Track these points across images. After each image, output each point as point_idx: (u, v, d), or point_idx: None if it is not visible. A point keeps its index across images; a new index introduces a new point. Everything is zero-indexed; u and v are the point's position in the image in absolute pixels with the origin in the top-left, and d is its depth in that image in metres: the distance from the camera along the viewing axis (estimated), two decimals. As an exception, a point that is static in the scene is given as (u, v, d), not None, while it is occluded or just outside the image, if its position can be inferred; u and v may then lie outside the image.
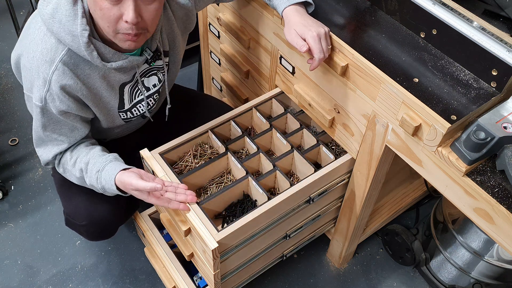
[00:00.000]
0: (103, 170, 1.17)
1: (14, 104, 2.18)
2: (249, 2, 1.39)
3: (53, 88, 1.08)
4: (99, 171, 1.17)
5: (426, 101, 1.00)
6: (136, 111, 1.30)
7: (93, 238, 1.42)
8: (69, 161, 1.22)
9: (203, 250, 1.17)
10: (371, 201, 1.41)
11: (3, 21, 2.59)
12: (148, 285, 1.64)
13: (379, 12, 1.23)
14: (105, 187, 1.18)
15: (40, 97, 1.10)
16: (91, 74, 1.12)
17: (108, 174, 1.16)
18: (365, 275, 1.69)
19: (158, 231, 1.43)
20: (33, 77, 1.09)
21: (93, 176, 1.18)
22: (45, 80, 1.08)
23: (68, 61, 1.08)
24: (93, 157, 1.19)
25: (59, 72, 1.07)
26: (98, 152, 1.21)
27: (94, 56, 1.07)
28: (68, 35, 1.04)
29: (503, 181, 0.96)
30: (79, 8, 1.04)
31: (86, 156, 1.20)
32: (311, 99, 1.34)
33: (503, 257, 1.37)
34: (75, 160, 1.21)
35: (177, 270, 1.36)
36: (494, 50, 1.00)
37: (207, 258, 1.17)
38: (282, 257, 1.49)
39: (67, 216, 1.37)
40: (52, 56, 1.07)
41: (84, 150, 1.22)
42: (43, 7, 1.05)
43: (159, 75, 1.28)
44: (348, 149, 1.31)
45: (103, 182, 1.17)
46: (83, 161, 1.20)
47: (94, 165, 1.18)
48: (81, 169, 1.20)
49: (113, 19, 1.00)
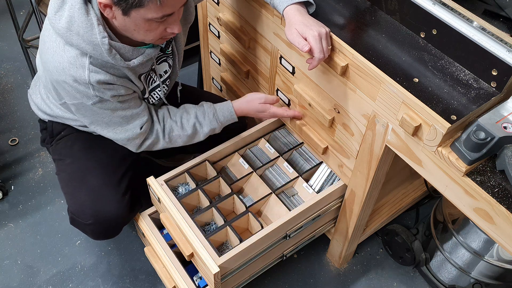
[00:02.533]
0: (216, 112, 1.36)
1: (14, 104, 2.18)
2: (249, 2, 1.39)
3: (96, 86, 1.13)
4: (214, 114, 1.35)
5: (426, 101, 1.00)
6: (151, 98, 1.35)
7: (98, 237, 1.43)
8: (175, 126, 1.33)
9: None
10: (371, 201, 1.41)
11: (3, 21, 2.59)
12: (148, 285, 1.64)
13: (379, 12, 1.23)
14: (225, 122, 1.38)
15: (93, 95, 1.14)
16: (119, 69, 1.17)
17: (224, 111, 1.37)
18: (365, 275, 1.69)
19: (158, 231, 1.43)
20: (73, 87, 1.13)
21: (212, 121, 1.35)
22: (86, 82, 1.12)
23: (96, 63, 1.12)
24: (196, 110, 1.35)
25: (93, 73, 1.12)
26: (196, 107, 1.36)
27: (118, 59, 1.11)
28: (89, 45, 1.07)
29: (503, 181, 0.96)
30: (93, 16, 1.06)
31: (189, 114, 1.34)
32: (311, 99, 1.34)
33: (503, 257, 1.37)
34: (180, 122, 1.33)
35: (177, 270, 1.36)
36: (494, 50, 1.00)
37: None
38: (282, 257, 1.49)
39: (72, 215, 1.37)
40: (80, 62, 1.10)
41: (179, 111, 1.34)
42: (56, 21, 1.07)
43: (169, 60, 1.34)
44: (348, 149, 1.31)
45: (221, 119, 1.36)
46: (192, 117, 1.34)
47: (205, 114, 1.35)
48: (193, 124, 1.33)
49: (159, 33, 1.10)
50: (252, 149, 1.57)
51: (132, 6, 0.99)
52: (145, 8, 1.00)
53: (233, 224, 1.34)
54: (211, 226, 1.41)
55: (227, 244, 1.39)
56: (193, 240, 1.24)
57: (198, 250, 1.23)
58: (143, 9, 1.00)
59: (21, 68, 2.34)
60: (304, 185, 1.45)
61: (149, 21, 1.03)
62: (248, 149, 1.57)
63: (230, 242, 1.38)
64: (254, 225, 1.38)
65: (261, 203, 1.43)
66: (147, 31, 1.07)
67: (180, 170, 1.44)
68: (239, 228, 1.39)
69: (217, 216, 1.38)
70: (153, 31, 1.07)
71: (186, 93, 1.55)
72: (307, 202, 1.36)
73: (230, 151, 1.52)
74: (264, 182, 1.45)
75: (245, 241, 1.28)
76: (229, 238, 1.37)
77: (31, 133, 2.07)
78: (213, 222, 1.41)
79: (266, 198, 1.42)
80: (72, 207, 1.36)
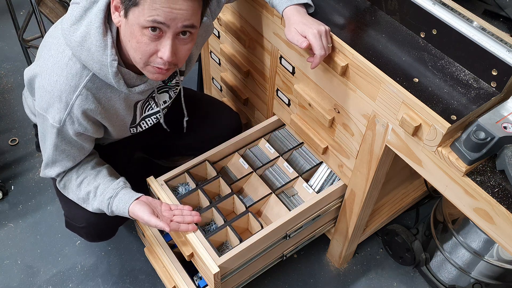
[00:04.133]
0: (115, 196, 1.22)
1: (14, 104, 2.18)
2: (249, 2, 1.39)
3: (75, 112, 1.10)
4: (111, 197, 1.22)
5: (426, 101, 1.00)
6: (144, 124, 1.33)
7: (93, 239, 1.43)
8: (74, 181, 1.24)
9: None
10: (371, 201, 1.41)
11: (3, 21, 2.59)
12: (148, 285, 1.64)
13: (379, 12, 1.23)
14: (114, 212, 1.23)
15: (60, 119, 1.11)
16: (112, 97, 1.15)
17: (121, 202, 1.21)
18: (365, 275, 1.69)
19: (158, 231, 1.43)
20: (52, 100, 1.10)
21: (104, 202, 1.22)
22: (67, 104, 1.09)
23: (91, 86, 1.10)
24: (103, 182, 1.23)
25: (82, 97, 1.09)
26: (107, 176, 1.25)
27: (121, 84, 1.10)
28: (97, 63, 1.06)
29: (503, 181, 0.96)
30: (109, 38, 1.05)
31: (95, 180, 1.23)
32: (311, 99, 1.34)
33: (503, 257, 1.37)
34: (81, 181, 1.24)
35: (177, 270, 1.36)
36: (494, 50, 1.00)
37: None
38: (282, 257, 1.49)
39: (67, 218, 1.38)
40: (76, 82, 1.08)
41: (91, 172, 1.25)
42: (70, 33, 1.06)
43: (171, 92, 1.31)
44: (347, 151, 1.31)
45: (113, 208, 1.22)
46: (92, 185, 1.23)
47: (105, 191, 1.22)
48: (88, 192, 1.23)
49: (148, 53, 1.01)
50: (252, 149, 1.57)
51: (130, 4, 0.98)
52: (140, 8, 0.96)
53: (233, 224, 1.34)
54: (211, 226, 1.41)
55: (227, 244, 1.39)
56: (193, 240, 1.24)
57: (198, 250, 1.23)
58: (138, 8, 0.97)
59: (21, 68, 2.34)
60: (304, 185, 1.45)
61: (142, 29, 0.98)
62: (248, 149, 1.57)
63: (230, 242, 1.38)
64: (254, 225, 1.38)
65: (261, 203, 1.43)
66: (138, 44, 1.00)
67: (180, 170, 1.44)
68: (239, 228, 1.39)
69: (217, 216, 1.38)
70: (143, 46, 1.00)
71: (187, 97, 1.54)
72: (307, 202, 1.37)
73: (230, 151, 1.52)
74: (264, 182, 1.45)
75: (245, 241, 1.28)
76: (229, 238, 1.37)
77: (31, 133, 2.07)
78: (213, 222, 1.42)
79: (266, 198, 1.42)
80: (66, 211, 1.36)
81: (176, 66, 1.07)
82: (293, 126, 1.49)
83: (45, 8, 2.01)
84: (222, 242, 1.39)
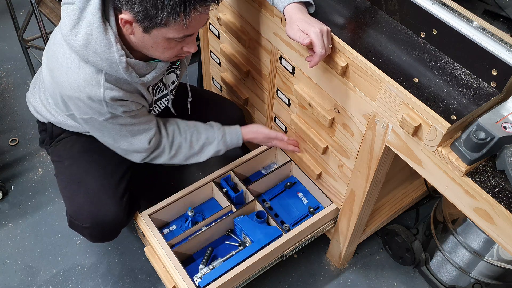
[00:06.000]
0: (225, 134, 1.40)
1: (14, 104, 2.18)
2: (249, 2, 1.39)
3: (110, 102, 1.14)
4: (223, 136, 1.40)
5: (426, 101, 1.00)
6: (157, 107, 1.37)
7: (96, 240, 1.43)
8: (184, 143, 1.35)
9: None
10: (371, 201, 1.41)
11: (3, 21, 2.59)
12: (148, 285, 1.64)
13: (379, 12, 1.23)
14: (229, 144, 1.41)
15: (106, 112, 1.16)
16: (131, 84, 1.18)
17: (231, 133, 1.42)
18: (365, 275, 1.69)
19: (158, 231, 1.43)
20: (86, 104, 1.14)
21: (220, 143, 1.39)
22: (100, 100, 1.12)
23: (111, 80, 1.13)
24: (207, 131, 1.39)
25: (108, 90, 1.13)
26: (205, 127, 1.40)
27: (133, 76, 1.13)
28: (105, 62, 1.08)
29: (503, 181, 0.96)
30: (111, 35, 1.06)
31: (201, 134, 1.38)
32: (311, 99, 1.34)
33: (503, 257, 1.37)
34: (190, 140, 1.36)
35: (177, 270, 1.36)
36: (494, 50, 1.00)
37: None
38: (282, 257, 1.49)
39: (71, 218, 1.37)
40: (96, 79, 1.11)
41: (191, 130, 1.37)
42: (72, 38, 1.07)
43: (177, 71, 1.36)
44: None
45: (228, 142, 1.41)
46: (202, 138, 1.37)
47: (214, 136, 1.39)
48: (202, 144, 1.37)
49: (176, 52, 1.13)
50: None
51: (155, 25, 1.01)
52: (168, 28, 1.02)
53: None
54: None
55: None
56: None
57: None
58: (166, 28, 1.02)
59: (21, 68, 2.34)
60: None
61: (169, 40, 1.05)
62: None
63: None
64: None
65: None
66: (165, 49, 1.09)
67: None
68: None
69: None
70: (171, 49, 1.10)
71: (192, 92, 1.56)
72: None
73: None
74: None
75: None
76: None
77: (31, 133, 2.07)
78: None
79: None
80: (70, 210, 1.36)
81: None
82: (293, 126, 1.49)
83: (45, 8, 2.01)
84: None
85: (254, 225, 1.47)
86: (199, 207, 1.61)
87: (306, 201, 1.61)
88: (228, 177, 1.60)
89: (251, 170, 1.69)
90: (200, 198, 1.60)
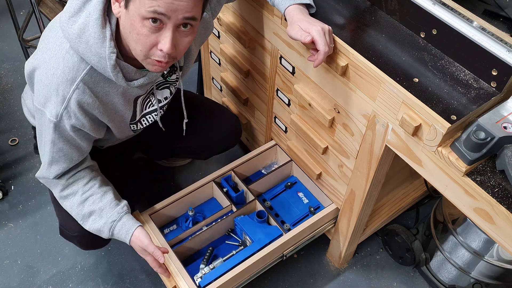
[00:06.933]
0: (119, 220, 1.24)
1: (14, 104, 2.18)
2: (249, 2, 1.39)
3: (72, 106, 1.09)
4: (115, 221, 1.24)
5: (426, 101, 1.00)
6: (145, 121, 1.31)
7: (86, 248, 1.43)
8: (79, 196, 1.24)
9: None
10: (371, 201, 1.41)
11: (3, 21, 2.59)
12: (148, 285, 1.64)
13: (379, 12, 1.23)
14: (114, 235, 1.25)
15: (56, 114, 1.09)
16: (110, 91, 1.13)
17: (125, 227, 1.24)
18: (365, 275, 1.69)
19: (158, 231, 1.43)
20: (50, 93, 1.08)
21: (107, 225, 1.24)
22: (64, 97, 1.07)
23: (88, 80, 1.08)
24: (109, 204, 1.24)
25: (79, 91, 1.07)
26: (113, 200, 1.25)
27: (119, 77, 1.08)
28: (95, 56, 1.04)
29: (503, 181, 0.96)
30: (108, 31, 1.03)
31: (101, 201, 1.24)
32: (311, 99, 1.34)
33: (503, 257, 1.37)
34: (86, 198, 1.24)
35: (177, 269, 1.36)
36: (494, 50, 1.00)
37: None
38: (282, 257, 1.49)
39: (61, 227, 1.38)
40: (73, 75, 1.06)
41: (98, 191, 1.25)
42: (68, 25, 1.04)
43: (171, 88, 1.30)
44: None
45: (115, 232, 1.24)
46: (98, 206, 1.24)
47: (109, 213, 1.24)
48: (92, 211, 1.24)
49: (148, 45, 1.00)
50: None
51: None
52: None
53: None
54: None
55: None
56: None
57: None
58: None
59: (21, 68, 2.34)
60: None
61: (142, 21, 0.97)
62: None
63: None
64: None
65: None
66: (139, 36, 0.99)
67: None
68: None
69: None
70: (144, 37, 0.99)
71: (186, 99, 1.54)
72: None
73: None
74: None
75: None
76: None
77: (31, 133, 2.06)
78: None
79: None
80: (60, 219, 1.36)
81: (175, 59, 1.06)
82: (293, 126, 1.49)
83: (45, 8, 2.01)
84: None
85: (255, 224, 1.47)
86: (200, 207, 1.61)
87: (307, 201, 1.61)
88: (229, 176, 1.60)
89: (251, 170, 1.69)
90: (200, 197, 1.60)
